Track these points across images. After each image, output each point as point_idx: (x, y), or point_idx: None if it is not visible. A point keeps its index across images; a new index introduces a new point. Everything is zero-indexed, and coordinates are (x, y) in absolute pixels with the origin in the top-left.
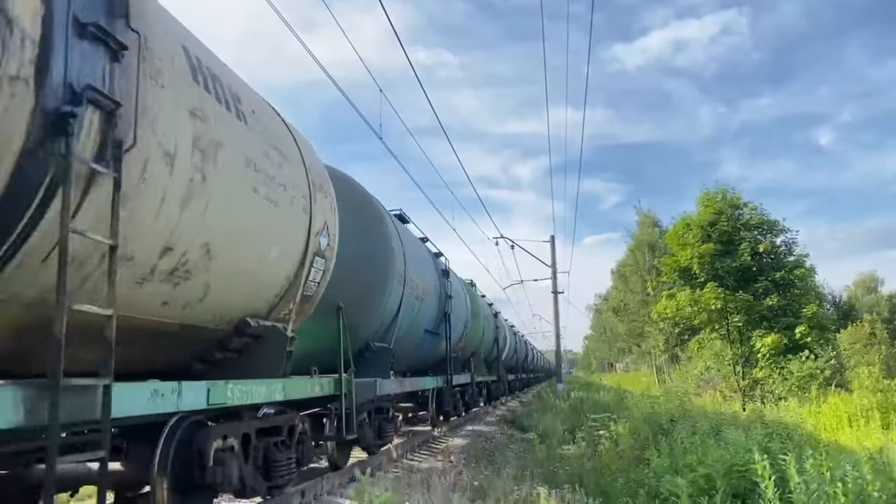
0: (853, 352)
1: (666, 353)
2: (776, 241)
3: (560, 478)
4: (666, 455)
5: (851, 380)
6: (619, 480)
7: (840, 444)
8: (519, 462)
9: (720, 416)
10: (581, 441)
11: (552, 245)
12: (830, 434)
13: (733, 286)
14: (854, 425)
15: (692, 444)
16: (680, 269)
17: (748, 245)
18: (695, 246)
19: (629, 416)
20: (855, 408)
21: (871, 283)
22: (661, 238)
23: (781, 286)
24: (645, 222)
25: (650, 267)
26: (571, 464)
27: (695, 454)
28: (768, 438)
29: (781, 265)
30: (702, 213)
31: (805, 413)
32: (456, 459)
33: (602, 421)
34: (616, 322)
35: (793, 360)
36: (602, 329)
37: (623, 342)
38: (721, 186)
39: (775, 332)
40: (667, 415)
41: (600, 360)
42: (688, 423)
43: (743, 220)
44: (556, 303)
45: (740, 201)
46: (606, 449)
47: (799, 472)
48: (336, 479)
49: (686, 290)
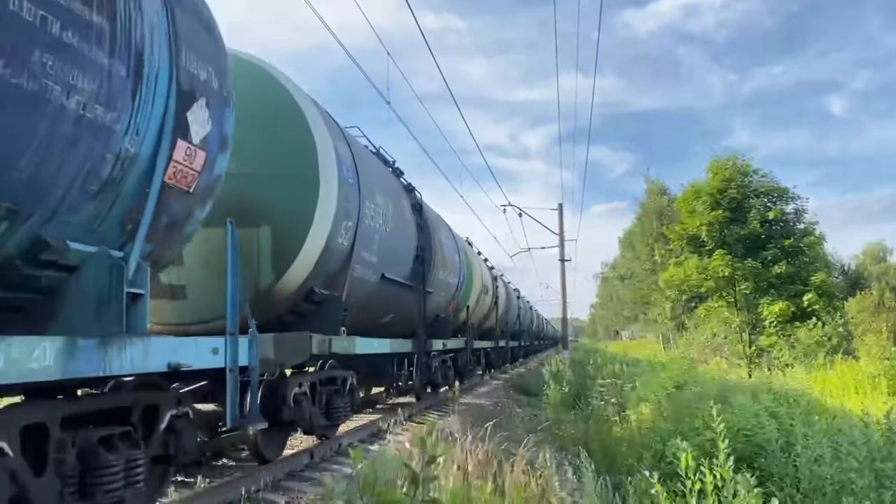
0: (861, 320)
1: (672, 321)
2: (786, 209)
3: (566, 442)
4: (671, 420)
5: (859, 347)
6: (623, 444)
7: (846, 410)
8: (525, 426)
9: (726, 382)
10: (587, 407)
11: (560, 213)
12: (837, 401)
13: (741, 254)
14: (860, 392)
15: (698, 409)
16: (688, 237)
17: (757, 212)
18: (703, 213)
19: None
20: (862, 375)
21: (879, 253)
22: (670, 206)
23: (790, 254)
24: (653, 190)
25: (658, 235)
26: (577, 428)
27: (700, 418)
28: (775, 404)
29: (791, 233)
30: (711, 180)
31: (812, 380)
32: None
33: (609, 387)
34: (623, 290)
35: (800, 327)
36: (608, 297)
37: (629, 310)
38: (731, 154)
39: (783, 300)
40: (673, 381)
41: (606, 327)
42: (694, 388)
43: (752, 187)
44: (563, 271)
45: (750, 169)
46: (611, 414)
47: (805, 437)
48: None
49: (694, 257)
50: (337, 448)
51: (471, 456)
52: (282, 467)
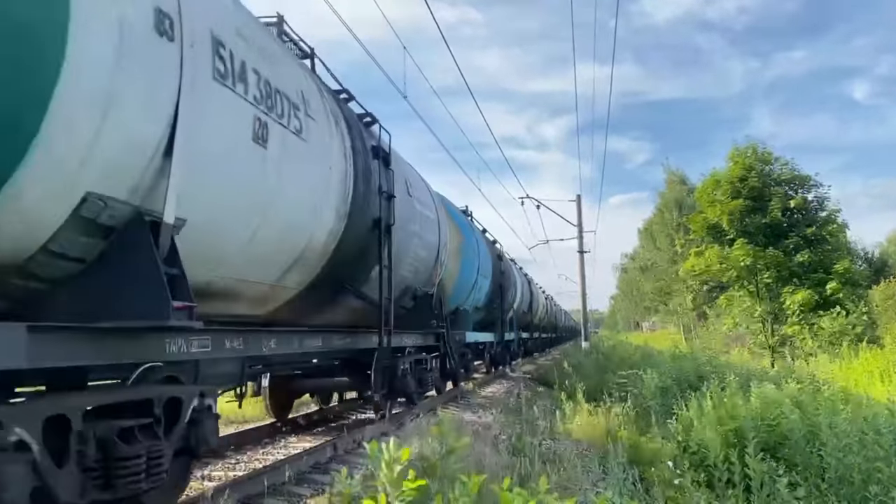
0: (886, 308)
1: (693, 311)
2: (808, 197)
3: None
4: (695, 410)
5: (883, 335)
6: (646, 434)
7: (872, 399)
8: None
9: (750, 372)
10: (608, 397)
11: (578, 204)
12: (862, 390)
13: (763, 242)
14: (886, 381)
15: (721, 399)
16: (709, 226)
17: (779, 201)
18: (724, 202)
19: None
20: (887, 363)
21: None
22: (690, 195)
23: (812, 242)
24: (673, 180)
25: (678, 225)
26: (600, 419)
27: (724, 408)
28: (800, 393)
29: (813, 221)
30: (731, 168)
31: (836, 369)
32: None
33: (630, 378)
34: (643, 281)
35: (823, 316)
36: (628, 288)
37: (650, 301)
38: (751, 142)
39: (806, 289)
40: (695, 371)
41: (626, 319)
42: (717, 378)
43: (773, 175)
44: (581, 262)
45: (771, 157)
46: (634, 405)
47: (830, 426)
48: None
49: (715, 247)
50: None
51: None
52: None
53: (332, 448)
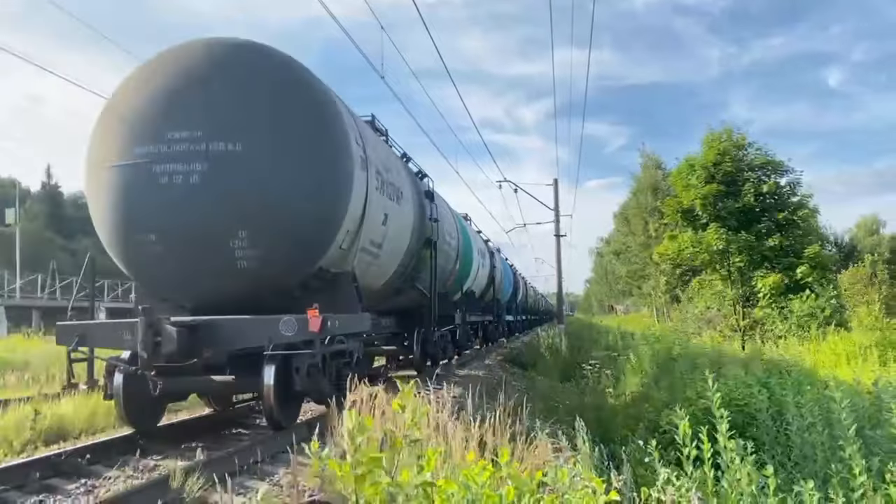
0: (854, 292)
1: (666, 295)
2: (780, 182)
3: (560, 413)
4: (665, 390)
5: (851, 319)
6: (619, 415)
7: (838, 379)
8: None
9: (720, 354)
10: (581, 378)
11: (555, 188)
12: (828, 371)
13: (736, 227)
14: (852, 363)
15: (691, 380)
16: (683, 211)
17: (752, 186)
18: (698, 187)
19: (635, 355)
20: (853, 346)
21: (873, 226)
22: (665, 180)
23: (784, 227)
24: (648, 164)
25: (653, 209)
26: (572, 399)
27: (694, 388)
28: (767, 374)
29: (785, 206)
30: (706, 153)
31: (804, 351)
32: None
33: (604, 359)
34: (617, 264)
35: (794, 299)
36: (603, 272)
37: (624, 284)
38: (726, 127)
39: (776, 273)
40: (666, 353)
41: (601, 302)
42: (688, 360)
43: (747, 160)
44: (558, 246)
45: (745, 142)
46: (606, 386)
47: (796, 406)
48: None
49: (688, 231)
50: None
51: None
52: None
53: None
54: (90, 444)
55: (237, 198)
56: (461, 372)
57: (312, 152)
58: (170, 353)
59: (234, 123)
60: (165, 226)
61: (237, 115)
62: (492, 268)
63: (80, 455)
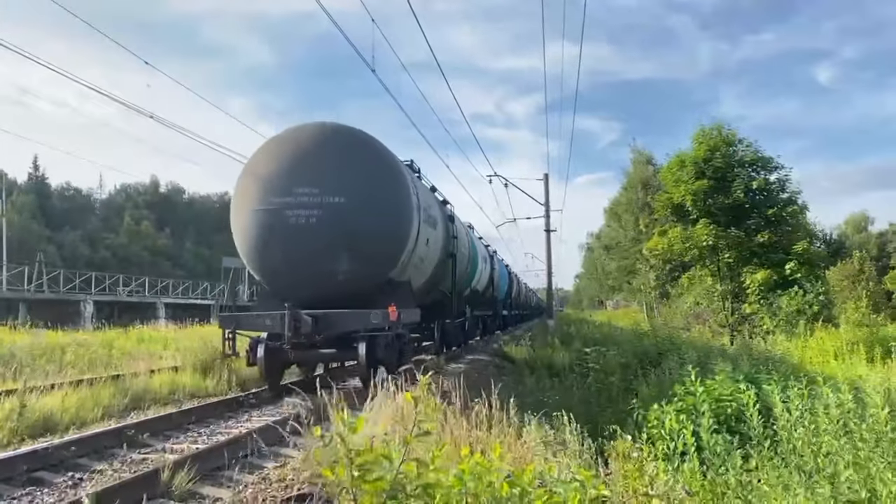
0: (841, 288)
1: (656, 290)
2: (770, 178)
3: (550, 407)
4: (654, 386)
5: (838, 315)
6: (607, 410)
7: (825, 375)
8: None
9: (709, 349)
10: (570, 373)
11: (545, 183)
12: (816, 367)
13: (725, 223)
14: (840, 359)
15: (680, 376)
16: (673, 206)
17: (741, 182)
18: (688, 182)
19: (620, 350)
20: (841, 342)
21: (861, 222)
22: (655, 176)
23: (773, 223)
24: (639, 160)
25: (643, 204)
26: (561, 394)
27: (681, 384)
28: (755, 370)
29: (774, 202)
30: (697, 149)
31: (792, 347)
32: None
33: (593, 355)
34: (607, 260)
35: (782, 295)
36: (593, 267)
37: (614, 280)
38: (716, 123)
39: (765, 269)
40: (655, 348)
41: (591, 297)
42: (676, 356)
43: (737, 156)
44: (548, 241)
45: (735, 138)
46: (595, 380)
47: (783, 401)
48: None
49: (678, 226)
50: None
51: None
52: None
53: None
54: (77, 437)
55: (340, 234)
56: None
57: (388, 205)
58: (306, 333)
59: (340, 184)
60: (291, 250)
61: (342, 178)
62: (491, 269)
63: (66, 448)
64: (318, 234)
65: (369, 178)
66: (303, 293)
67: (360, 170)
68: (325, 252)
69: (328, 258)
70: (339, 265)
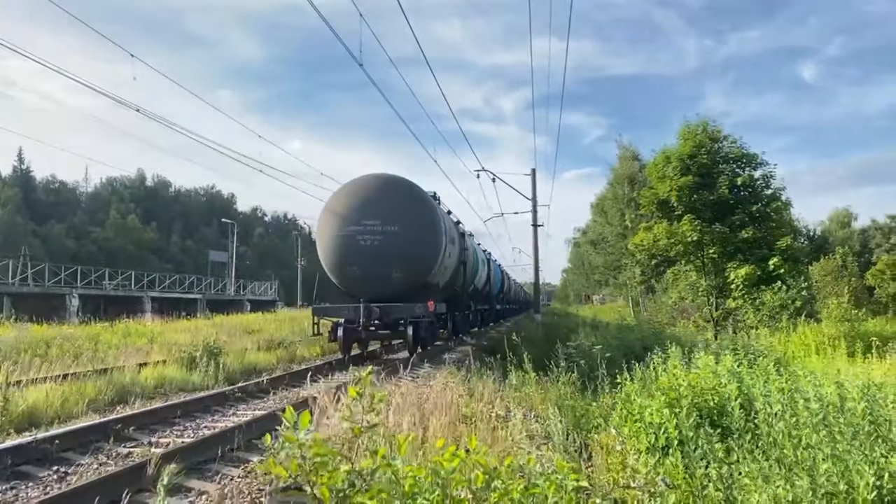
0: (824, 283)
1: (642, 285)
2: (754, 175)
3: (535, 402)
4: (638, 379)
5: (821, 310)
6: (592, 404)
7: (807, 370)
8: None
9: (693, 344)
10: (555, 367)
11: (533, 178)
12: (798, 362)
13: (710, 218)
14: (821, 353)
15: (664, 370)
16: (658, 202)
17: (726, 178)
18: (674, 178)
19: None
20: (823, 337)
21: (844, 219)
22: (641, 171)
23: (757, 219)
24: (625, 156)
25: (629, 200)
26: (546, 387)
27: (666, 378)
28: (737, 364)
29: (758, 198)
30: (682, 145)
31: (775, 342)
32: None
33: (578, 349)
34: (594, 255)
35: (765, 290)
36: (580, 262)
37: (600, 275)
38: (702, 119)
39: (749, 264)
40: (640, 343)
41: (577, 292)
42: (661, 350)
43: (722, 153)
44: (535, 236)
45: (720, 134)
46: (580, 374)
47: (763, 395)
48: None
49: (664, 222)
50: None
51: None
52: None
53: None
54: (62, 431)
55: (394, 252)
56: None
57: (426, 232)
58: (375, 318)
59: (394, 217)
60: (361, 263)
61: (395, 213)
62: (488, 270)
63: (51, 442)
64: (380, 252)
65: (413, 213)
66: (369, 292)
67: (407, 207)
68: (385, 264)
69: (386, 268)
70: (394, 273)
